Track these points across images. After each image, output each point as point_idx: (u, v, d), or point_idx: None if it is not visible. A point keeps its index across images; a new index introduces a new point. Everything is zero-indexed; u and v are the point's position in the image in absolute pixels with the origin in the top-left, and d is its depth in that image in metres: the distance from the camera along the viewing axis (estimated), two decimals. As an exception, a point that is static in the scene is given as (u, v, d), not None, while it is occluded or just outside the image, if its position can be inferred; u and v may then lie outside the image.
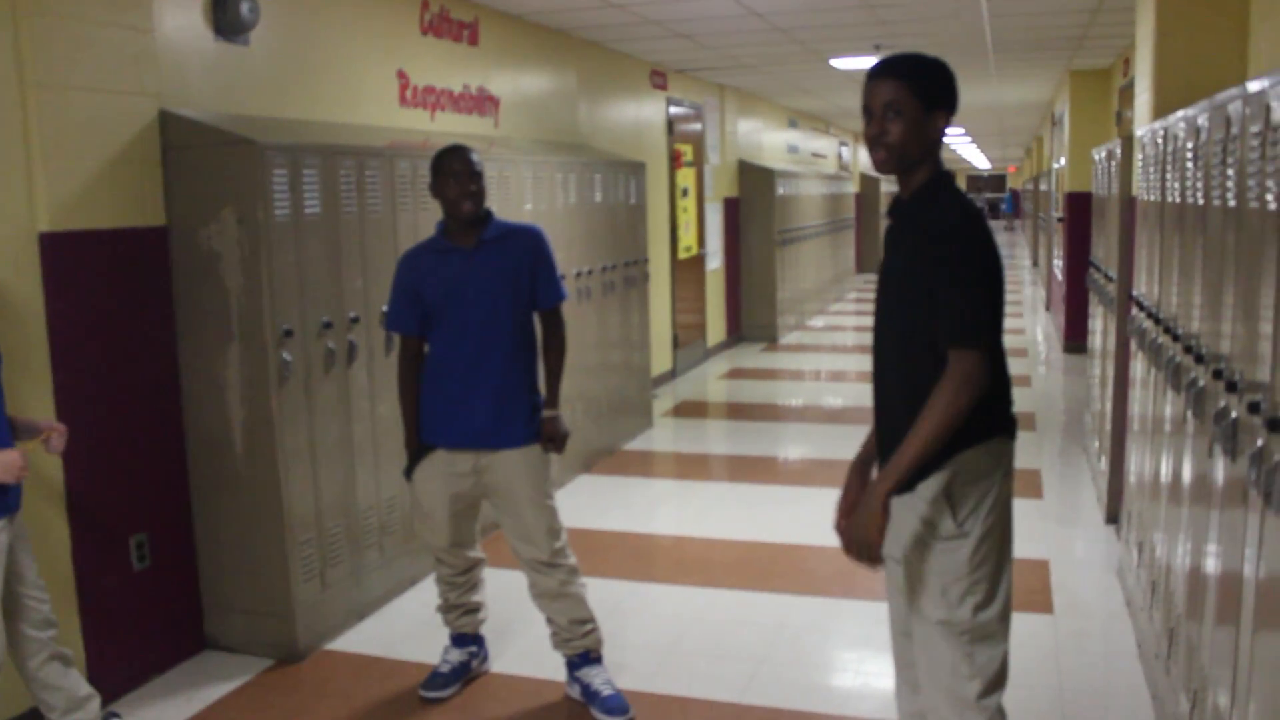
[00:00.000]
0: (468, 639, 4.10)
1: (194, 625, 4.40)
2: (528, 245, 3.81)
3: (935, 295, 2.46)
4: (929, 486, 2.52)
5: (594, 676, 3.89)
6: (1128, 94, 8.47)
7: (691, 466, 7.35)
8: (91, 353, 3.90)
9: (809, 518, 5.97)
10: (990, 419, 2.56)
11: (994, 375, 2.50)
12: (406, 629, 4.61)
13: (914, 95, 2.55)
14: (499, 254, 3.73)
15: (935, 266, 2.47)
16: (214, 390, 4.25)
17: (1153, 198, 4.13)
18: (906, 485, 2.53)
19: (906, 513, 2.57)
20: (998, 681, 2.57)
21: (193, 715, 3.91)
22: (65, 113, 3.78)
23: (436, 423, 3.74)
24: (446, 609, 4.06)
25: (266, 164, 4.07)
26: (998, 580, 2.56)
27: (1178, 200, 3.52)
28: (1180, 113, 3.54)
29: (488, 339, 3.69)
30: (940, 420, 2.40)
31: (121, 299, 4.03)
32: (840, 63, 10.23)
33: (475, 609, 4.10)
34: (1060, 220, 12.31)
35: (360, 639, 4.49)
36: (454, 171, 3.64)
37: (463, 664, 4.07)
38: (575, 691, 3.92)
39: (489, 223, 3.76)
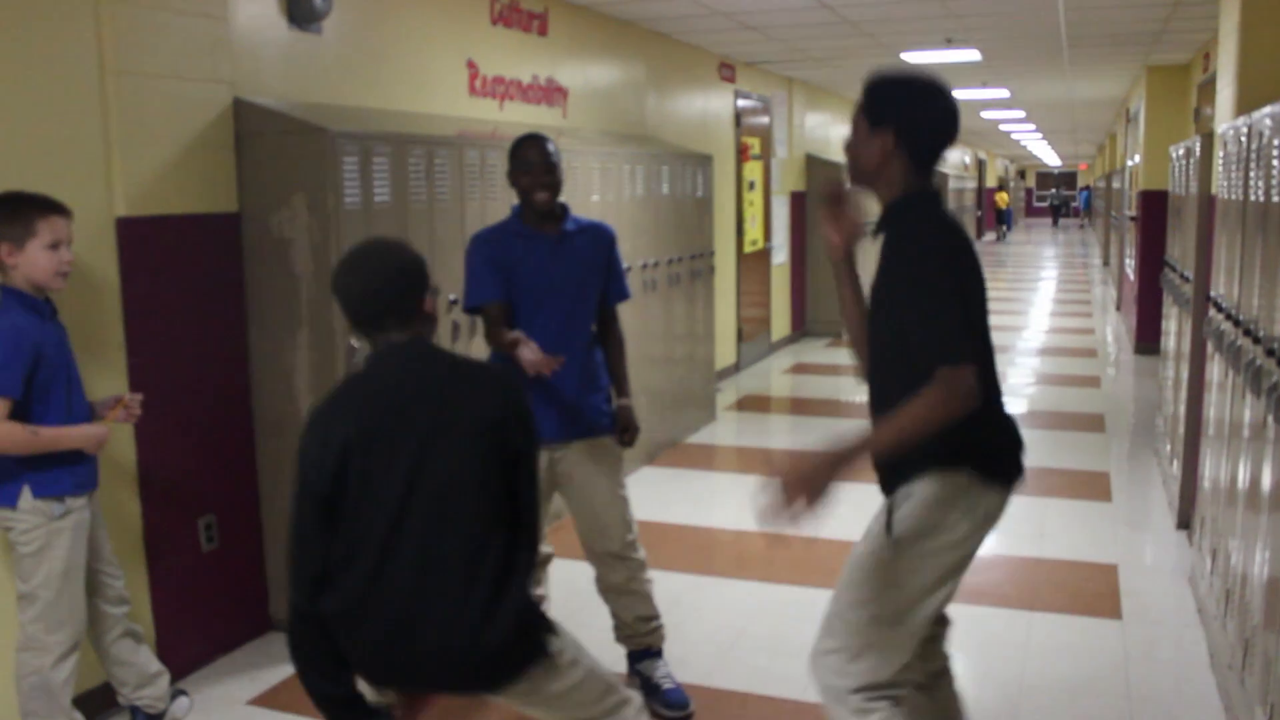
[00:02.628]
0: None
1: (260, 606, 4.46)
2: (606, 241, 3.81)
3: (911, 317, 2.42)
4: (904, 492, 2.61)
5: (655, 669, 3.88)
6: (1207, 90, 8.29)
7: (754, 461, 7.31)
8: (164, 336, 3.95)
9: (869, 514, 5.90)
10: (975, 452, 2.51)
11: (986, 409, 2.42)
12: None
13: (862, 111, 2.60)
14: (582, 246, 3.72)
15: (906, 288, 2.45)
16: (282, 375, 4.29)
17: (1234, 196, 4.03)
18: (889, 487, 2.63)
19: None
20: (879, 688, 2.54)
21: (257, 695, 3.96)
22: (143, 100, 3.83)
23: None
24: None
25: (337, 151, 4.10)
26: (909, 608, 2.56)
27: (1261, 199, 3.43)
28: (1267, 109, 3.45)
29: (572, 328, 3.67)
30: (918, 418, 2.31)
31: (194, 283, 4.08)
32: (911, 56, 10.12)
33: (539, 601, 4.09)
34: (1133, 219, 12.09)
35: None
36: (529, 161, 3.63)
37: None
38: (635, 684, 3.91)
39: (567, 214, 3.74)
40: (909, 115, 2.56)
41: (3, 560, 3.40)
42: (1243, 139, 3.86)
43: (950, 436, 2.34)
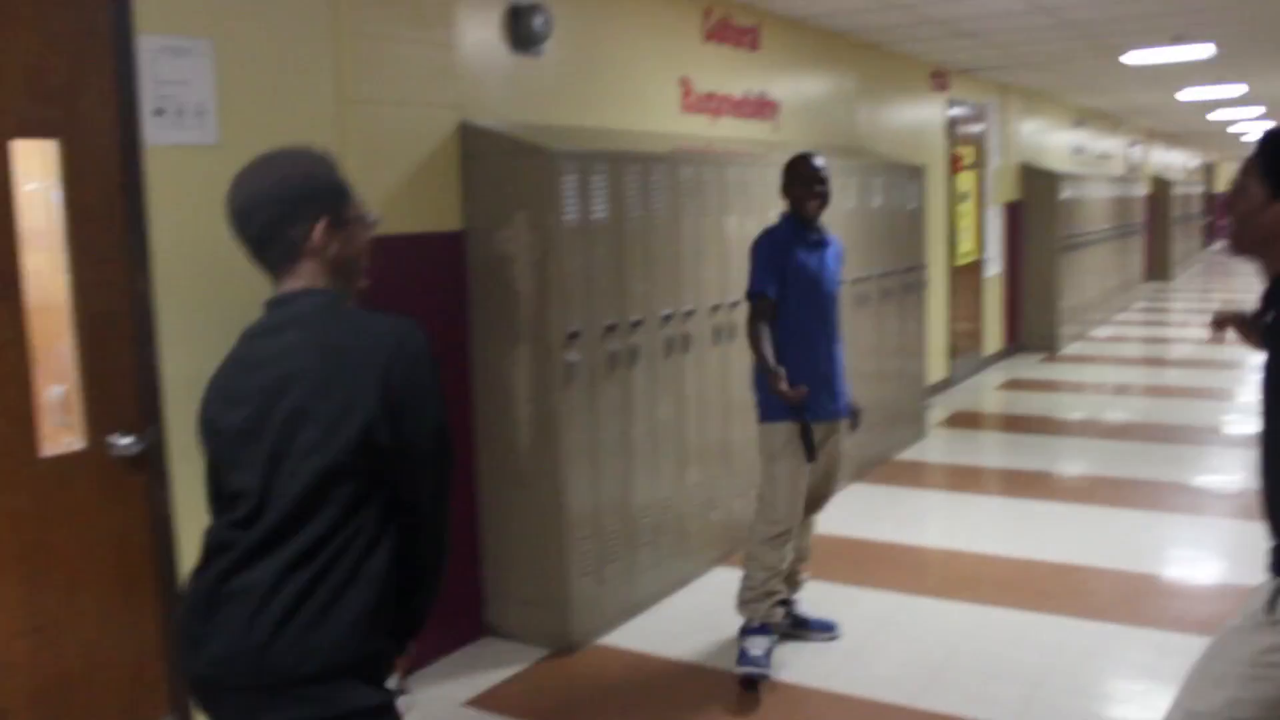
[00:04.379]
0: (769, 629, 4.22)
1: (475, 612, 4.63)
2: (842, 253, 4.50)
3: None
4: None
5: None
6: None
7: (965, 479, 7.16)
8: (394, 349, 4.15)
9: (1089, 537, 5.72)
10: None
11: None
12: (676, 628, 4.69)
13: (1259, 176, 2.25)
14: (832, 254, 4.35)
15: None
16: (503, 389, 4.45)
17: None
18: None
19: None
20: None
21: (473, 697, 4.11)
22: (376, 126, 4.05)
23: (813, 399, 4.10)
24: (764, 596, 4.18)
25: (557, 171, 4.23)
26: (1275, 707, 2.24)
27: None
28: None
29: (830, 322, 4.28)
30: None
31: (422, 299, 4.28)
32: (1133, 57, 9.72)
33: (786, 602, 4.35)
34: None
35: (632, 635, 4.60)
36: (803, 175, 4.22)
37: (769, 651, 4.17)
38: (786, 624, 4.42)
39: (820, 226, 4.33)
40: None
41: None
42: None
43: None
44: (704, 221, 5.14)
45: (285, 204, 1.93)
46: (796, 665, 4.29)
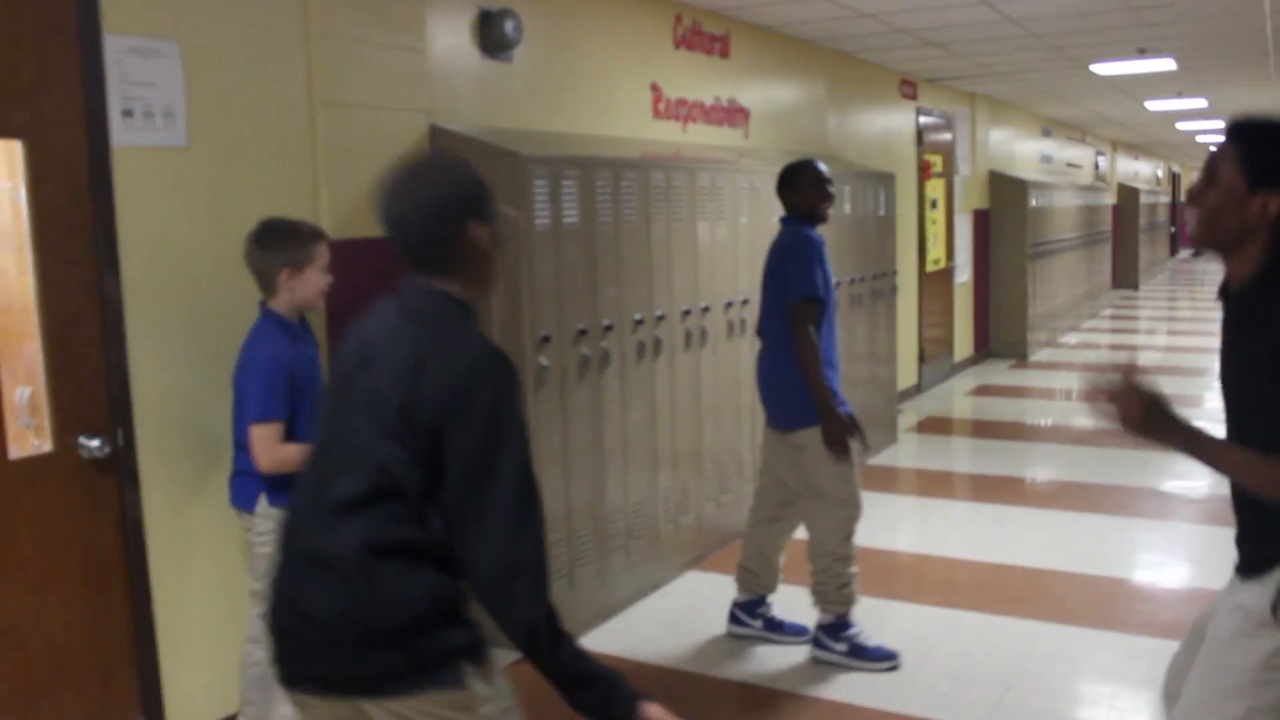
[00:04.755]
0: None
1: (449, 616, 4.60)
2: None
3: (1266, 394, 2.16)
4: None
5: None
6: None
7: (935, 484, 7.19)
8: (365, 353, 4.14)
9: (1058, 542, 5.76)
10: None
11: None
12: (649, 632, 4.69)
13: (1239, 166, 2.20)
14: None
15: (1270, 366, 2.15)
16: (473, 392, 4.43)
17: None
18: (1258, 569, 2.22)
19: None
20: None
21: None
22: (347, 129, 4.04)
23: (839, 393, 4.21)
24: (849, 584, 4.30)
25: (528, 175, 4.23)
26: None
27: None
28: None
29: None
30: (1268, 476, 2.13)
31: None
32: (1101, 68, 9.82)
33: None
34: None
35: (605, 639, 4.60)
36: (818, 179, 4.33)
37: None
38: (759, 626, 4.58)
39: None
40: None
41: (241, 558, 3.66)
42: None
43: None
44: (675, 227, 5.15)
45: (444, 211, 2.05)
46: (768, 670, 4.29)
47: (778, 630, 4.53)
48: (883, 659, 4.27)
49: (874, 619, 4.75)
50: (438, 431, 1.93)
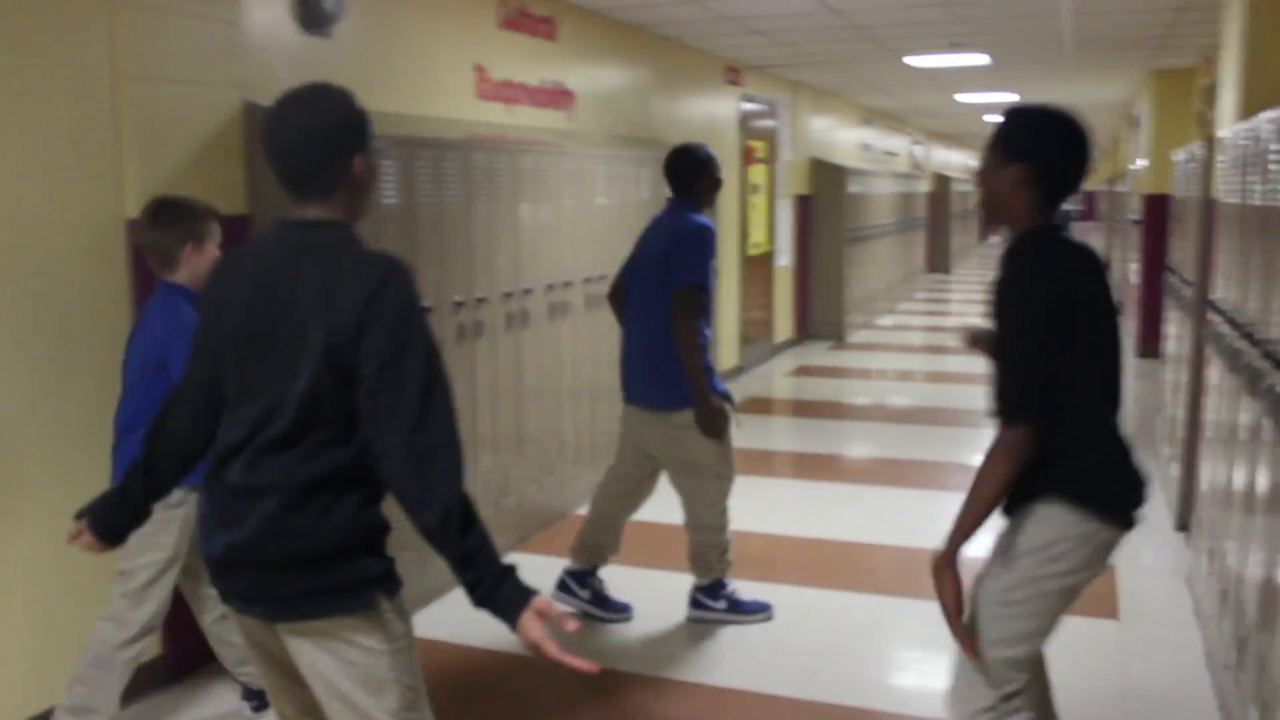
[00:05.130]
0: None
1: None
2: None
3: (998, 364, 2.50)
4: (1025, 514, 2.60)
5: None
6: (1211, 95, 8.32)
7: (756, 462, 7.35)
8: (175, 336, 4.00)
9: (873, 516, 5.97)
10: (1094, 490, 2.54)
11: (1110, 448, 2.59)
12: (473, 615, 4.64)
13: (993, 146, 2.60)
14: None
15: (1003, 333, 2.50)
16: (291, 375, 4.33)
17: (1235, 200, 4.07)
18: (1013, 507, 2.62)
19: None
20: (1006, 702, 2.61)
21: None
22: (154, 104, 3.89)
23: (712, 375, 4.33)
24: (725, 550, 4.53)
25: (347, 154, 4.14)
26: (1024, 634, 2.62)
27: (1261, 203, 3.48)
28: (1266, 114, 3.50)
29: None
30: (982, 491, 2.50)
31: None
32: (915, 61, 10.16)
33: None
34: (1136, 223, 12.13)
35: (428, 623, 4.55)
36: (712, 165, 4.38)
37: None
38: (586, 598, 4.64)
39: None
40: (1043, 149, 2.56)
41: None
42: (1243, 143, 3.90)
43: (1075, 468, 2.52)
44: (497, 209, 5.13)
45: (330, 141, 2.11)
46: (594, 647, 4.33)
47: (602, 605, 4.59)
48: (759, 610, 4.55)
49: (696, 595, 4.85)
50: (355, 347, 2.02)
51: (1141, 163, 12.04)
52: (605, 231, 6.23)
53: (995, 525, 2.67)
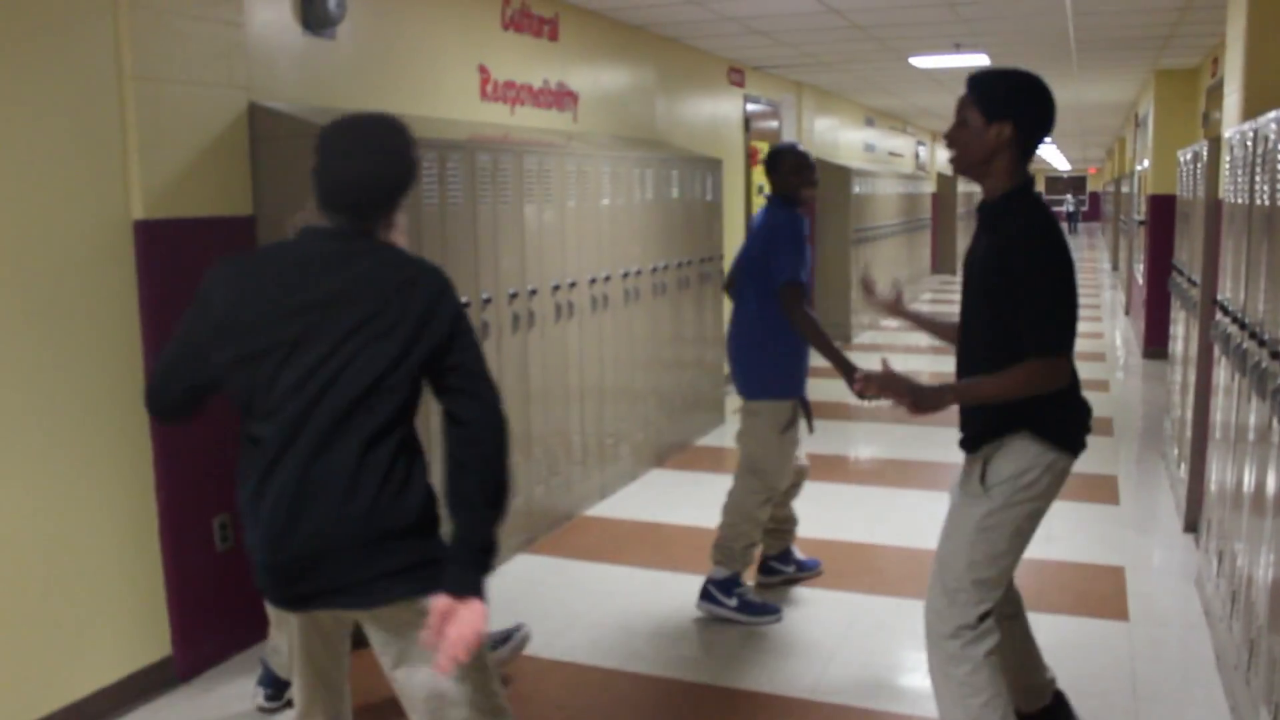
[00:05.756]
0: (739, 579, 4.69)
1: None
2: None
3: (1020, 307, 2.73)
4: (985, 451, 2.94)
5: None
6: (1216, 95, 8.31)
7: (762, 464, 7.34)
8: (180, 338, 3.99)
9: (880, 517, 5.96)
10: (1057, 422, 2.89)
11: (1071, 387, 2.87)
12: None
13: (975, 105, 2.83)
14: None
15: (1010, 276, 2.74)
16: (296, 377, 4.33)
17: (1240, 200, 4.06)
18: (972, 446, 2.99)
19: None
20: (973, 627, 2.89)
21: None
22: (160, 105, 3.88)
23: (800, 377, 4.69)
24: (749, 549, 4.61)
25: (351, 156, 4.14)
26: (997, 554, 2.90)
27: (1267, 203, 3.46)
28: (1272, 113, 3.48)
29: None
30: (994, 389, 2.79)
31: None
32: (920, 61, 10.15)
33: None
34: (1142, 223, 12.11)
35: (433, 625, 4.56)
36: (805, 166, 4.56)
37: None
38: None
39: None
40: (1026, 109, 2.83)
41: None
42: (1249, 144, 3.88)
43: (1039, 406, 2.79)
44: (502, 209, 5.12)
45: (396, 188, 2.30)
46: (601, 647, 4.32)
47: (803, 568, 5.02)
48: (769, 613, 4.57)
49: (702, 597, 4.85)
50: (422, 338, 2.21)
51: (1146, 163, 12.02)
52: (610, 232, 6.22)
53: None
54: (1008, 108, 2.81)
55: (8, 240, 3.41)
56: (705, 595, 4.59)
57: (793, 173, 4.55)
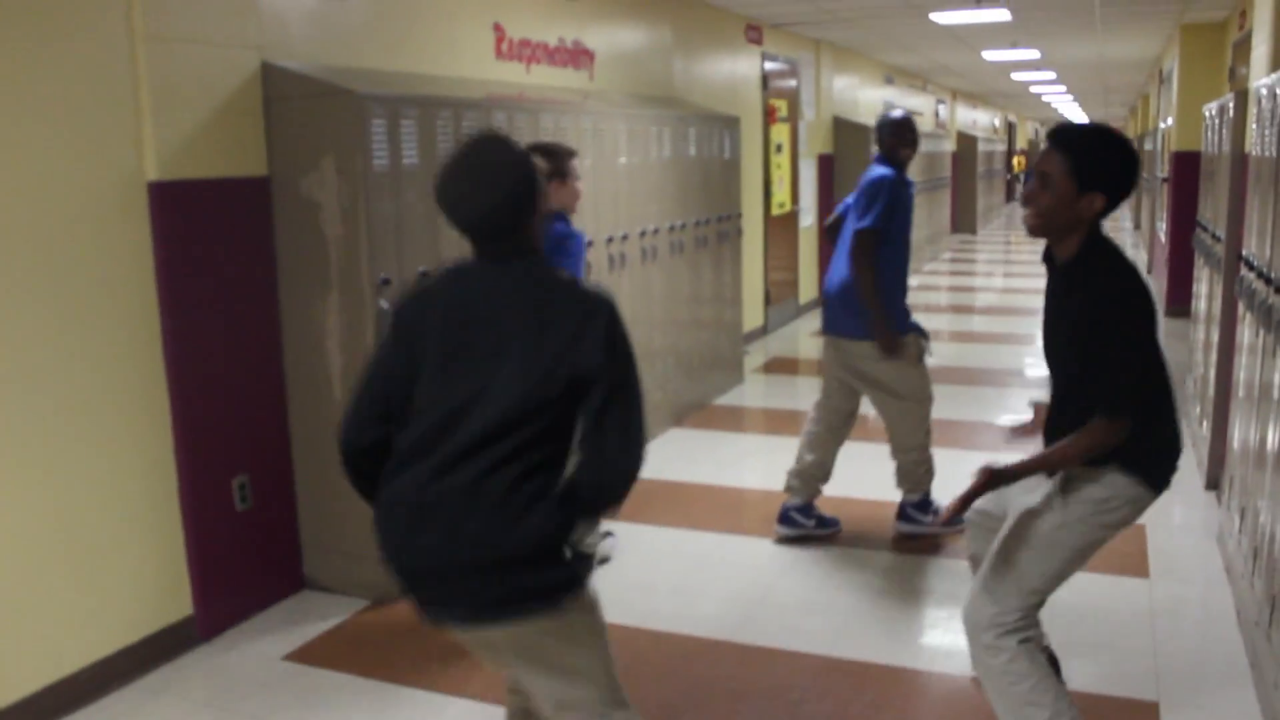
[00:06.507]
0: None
1: (293, 565, 4.53)
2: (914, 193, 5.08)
3: (1090, 359, 2.66)
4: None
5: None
6: (1243, 49, 8.18)
7: (781, 422, 7.32)
8: (197, 298, 4.00)
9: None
10: (1150, 463, 2.80)
11: (1165, 428, 2.81)
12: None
13: (1068, 172, 2.67)
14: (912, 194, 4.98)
15: (1091, 333, 2.65)
16: (313, 337, 4.34)
17: (1268, 154, 3.99)
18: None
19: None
20: (1016, 627, 2.83)
21: (292, 650, 4.02)
22: (172, 65, 3.86)
23: (905, 312, 4.92)
24: (929, 470, 5.05)
25: (365, 114, 4.12)
26: (1059, 567, 2.85)
27: (1293, 155, 3.41)
28: (1299, 64, 3.42)
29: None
30: (1059, 457, 2.74)
31: (225, 246, 4.12)
32: (940, 17, 10.02)
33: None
34: (1165, 180, 11.98)
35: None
36: (910, 134, 4.91)
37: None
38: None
39: None
40: (1121, 180, 2.70)
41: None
42: (1277, 96, 3.82)
43: (1138, 442, 2.71)
44: (519, 168, 5.09)
45: (519, 210, 2.30)
46: (621, 605, 4.32)
47: (824, 525, 5.08)
48: (954, 524, 4.85)
49: (722, 554, 4.85)
50: (586, 368, 2.22)
51: (1170, 120, 11.87)
52: (627, 191, 6.18)
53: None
54: (1103, 180, 2.67)
55: (24, 204, 3.40)
56: (903, 516, 5.07)
57: (891, 134, 4.88)
